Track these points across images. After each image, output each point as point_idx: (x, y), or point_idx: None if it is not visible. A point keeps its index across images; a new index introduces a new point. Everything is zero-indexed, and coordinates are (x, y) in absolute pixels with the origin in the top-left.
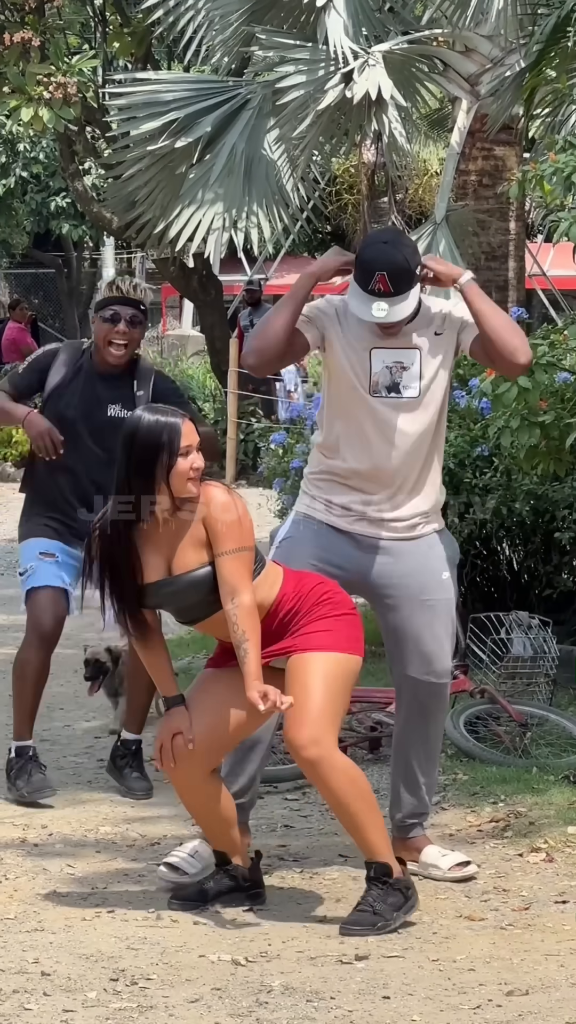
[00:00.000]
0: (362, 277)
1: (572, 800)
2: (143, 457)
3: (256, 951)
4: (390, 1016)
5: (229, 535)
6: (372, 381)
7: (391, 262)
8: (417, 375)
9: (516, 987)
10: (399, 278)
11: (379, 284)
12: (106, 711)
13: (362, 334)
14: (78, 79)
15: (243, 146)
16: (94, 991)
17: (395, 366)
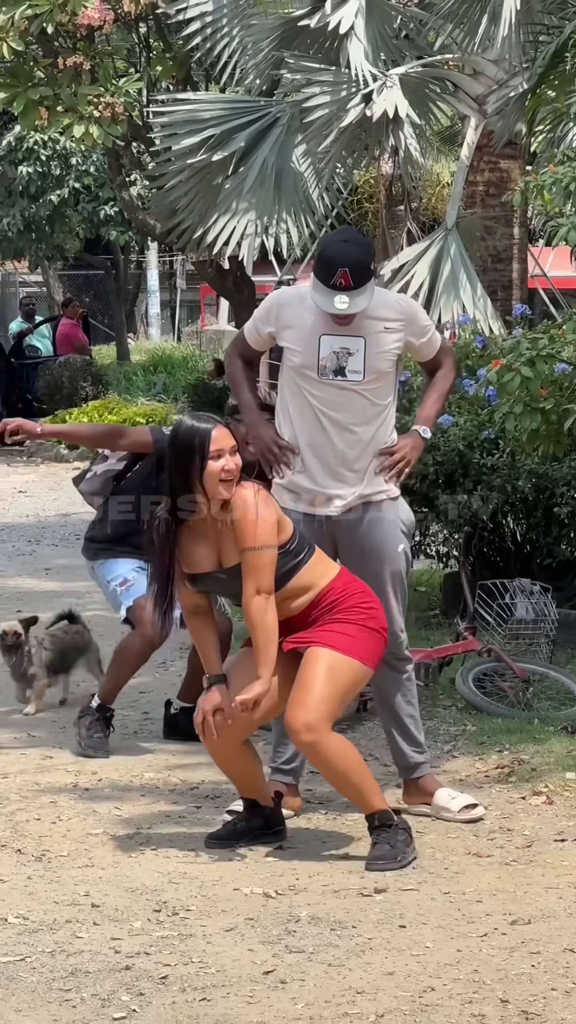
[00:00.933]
0: (325, 273)
1: (570, 748)
2: (179, 459)
3: (285, 885)
4: (406, 943)
5: (245, 534)
6: (320, 366)
7: (352, 259)
8: (362, 360)
9: (519, 917)
10: (359, 273)
11: (341, 279)
12: (150, 669)
13: (315, 322)
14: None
15: (273, 159)
16: (139, 921)
17: (342, 351)
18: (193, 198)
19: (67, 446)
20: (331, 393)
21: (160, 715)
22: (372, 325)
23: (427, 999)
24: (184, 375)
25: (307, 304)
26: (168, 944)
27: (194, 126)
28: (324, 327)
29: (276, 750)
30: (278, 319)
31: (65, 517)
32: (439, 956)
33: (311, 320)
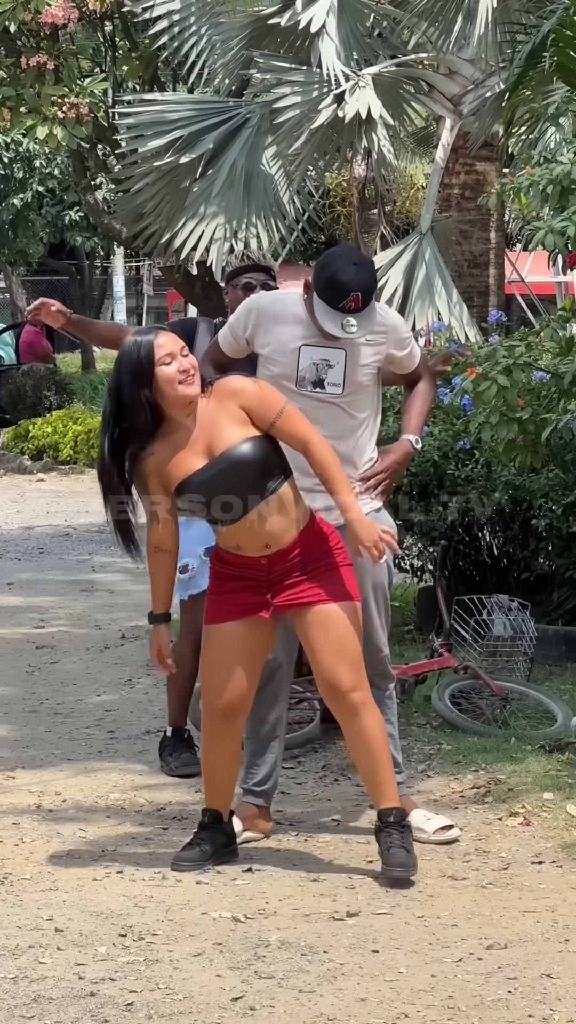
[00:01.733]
0: (334, 296)
1: (548, 768)
2: (125, 380)
3: (254, 908)
4: (379, 968)
5: (270, 402)
6: (299, 377)
7: (364, 284)
8: (341, 372)
9: (495, 941)
10: (368, 296)
11: (352, 303)
12: (116, 687)
13: (294, 332)
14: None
15: (243, 162)
16: (104, 946)
17: (321, 363)
18: (160, 202)
19: (30, 456)
20: (309, 405)
21: (127, 734)
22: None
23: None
24: None
25: (288, 311)
26: (134, 970)
27: (161, 127)
28: (304, 337)
29: (248, 770)
30: (256, 325)
31: (28, 530)
32: (413, 982)
33: (291, 329)
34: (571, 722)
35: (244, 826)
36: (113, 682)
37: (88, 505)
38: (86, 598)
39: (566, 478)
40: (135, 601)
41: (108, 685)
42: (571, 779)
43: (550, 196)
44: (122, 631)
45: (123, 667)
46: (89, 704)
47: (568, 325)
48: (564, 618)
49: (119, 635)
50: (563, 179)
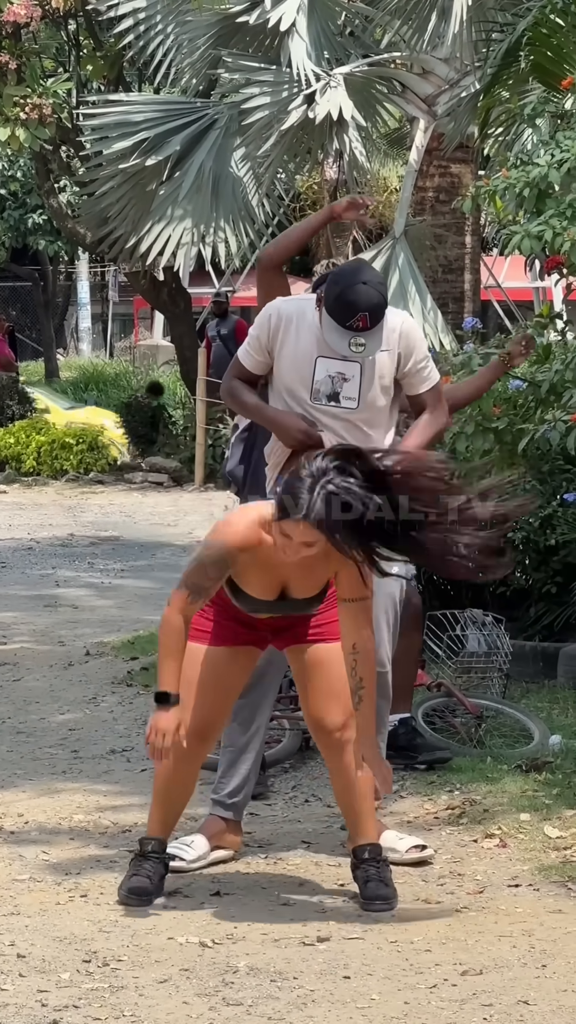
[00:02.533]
0: (342, 315)
1: (524, 788)
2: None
3: (222, 933)
4: (350, 995)
5: (357, 584)
6: (314, 389)
7: (373, 303)
8: (357, 387)
9: (470, 967)
10: (377, 315)
11: (360, 322)
12: (80, 705)
13: (311, 342)
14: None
15: (211, 164)
16: (67, 972)
17: (337, 376)
18: (125, 205)
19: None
20: (323, 419)
21: (92, 753)
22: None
23: None
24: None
25: (307, 321)
26: (98, 997)
27: (126, 129)
28: (322, 348)
29: (220, 780)
30: (279, 329)
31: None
32: (385, 1009)
33: (308, 338)
34: (548, 740)
35: (212, 843)
36: (77, 700)
37: (52, 518)
38: (49, 613)
39: (543, 490)
40: (100, 617)
41: (72, 703)
42: (548, 799)
43: (526, 199)
44: (86, 648)
45: (87, 685)
46: (52, 723)
47: (545, 332)
48: (541, 634)
49: (83, 652)
50: (540, 182)
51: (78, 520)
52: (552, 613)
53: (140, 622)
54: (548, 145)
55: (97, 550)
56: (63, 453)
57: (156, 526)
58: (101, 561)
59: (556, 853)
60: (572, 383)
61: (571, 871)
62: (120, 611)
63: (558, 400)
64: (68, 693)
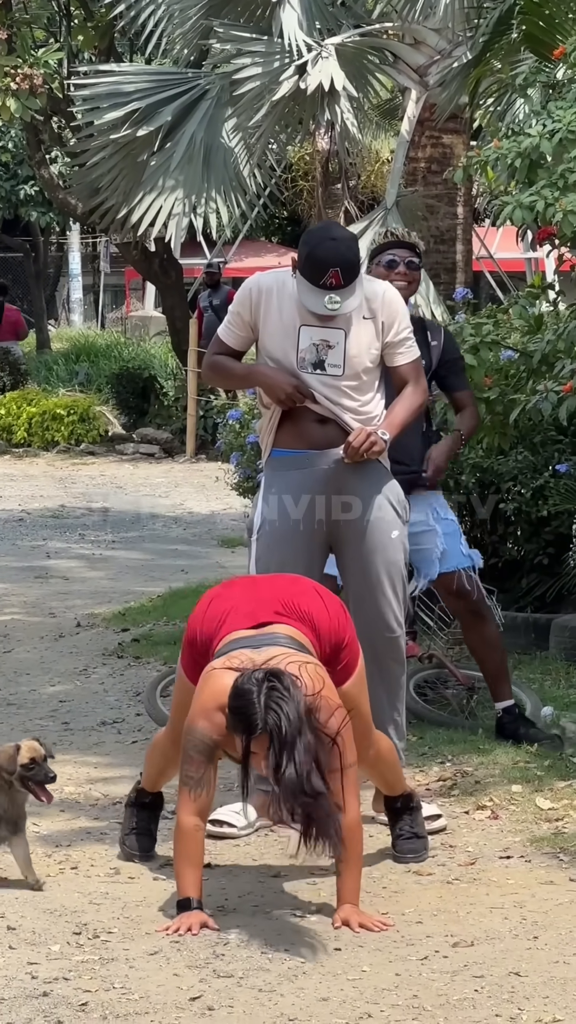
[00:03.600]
0: (314, 273)
1: (516, 759)
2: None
3: (213, 905)
4: (341, 967)
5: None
6: (299, 357)
7: (343, 258)
8: (342, 353)
9: (462, 939)
10: (350, 272)
11: (332, 279)
12: (71, 677)
13: (293, 312)
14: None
15: (202, 135)
16: (58, 944)
17: (321, 344)
18: (117, 176)
19: None
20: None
21: (82, 725)
22: (353, 316)
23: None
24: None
25: (287, 291)
26: (88, 969)
27: (118, 99)
28: (304, 317)
29: None
30: (260, 304)
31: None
32: (376, 980)
33: (290, 309)
34: (540, 712)
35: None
36: (68, 672)
37: (43, 489)
38: (40, 585)
39: (535, 461)
40: (91, 588)
41: (62, 675)
42: (540, 771)
43: (518, 170)
44: (77, 619)
45: (78, 656)
46: (43, 695)
47: (537, 302)
48: (533, 605)
49: (74, 623)
50: (531, 152)
51: (69, 491)
52: (544, 584)
53: (131, 593)
54: (540, 115)
55: (88, 521)
56: (54, 424)
57: (147, 497)
58: (92, 532)
59: (548, 824)
60: (564, 353)
61: (563, 842)
62: (111, 582)
63: (550, 370)
64: (58, 665)
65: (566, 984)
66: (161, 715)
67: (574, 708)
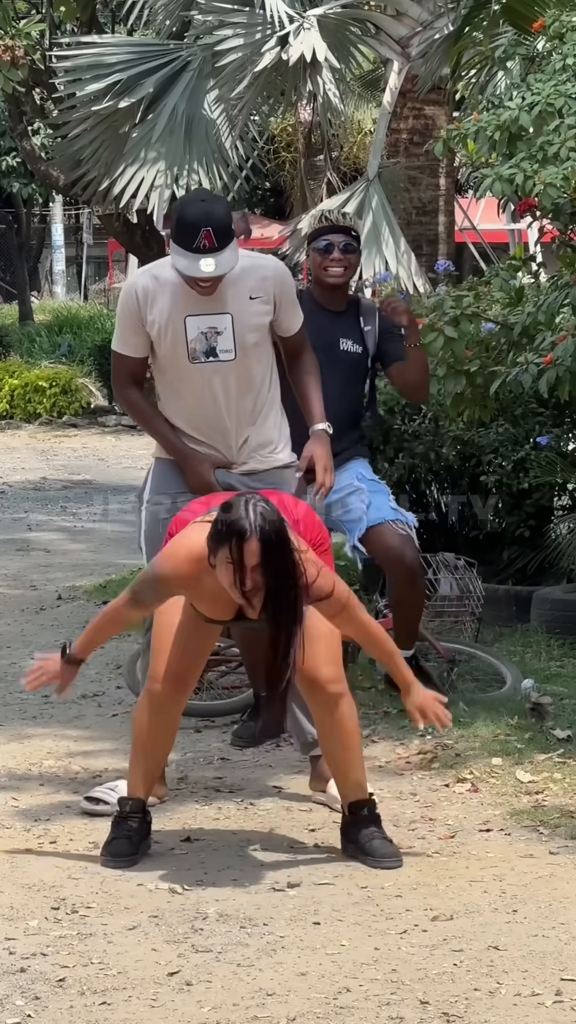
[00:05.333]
0: (186, 237)
1: (496, 733)
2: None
3: (192, 879)
4: (320, 941)
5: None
6: (190, 349)
7: (213, 218)
8: (231, 338)
9: (441, 912)
10: (222, 233)
11: (205, 240)
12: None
13: (177, 304)
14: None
15: (184, 106)
16: (35, 919)
17: (209, 331)
18: (99, 148)
19: None
20: (205, 377)
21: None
22: (237, 297)
23: (342, 1001)
24: (91, 336)
25: (164, 285)
26: (66, 944)
27: (99, 71)
28: (187, 307)
29: None
30: (144, 305)
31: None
32: (355, 955)
33: (172, 300)
34: (521, 684)
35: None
36: (49, 645)
37: (24, 462)
38: (21, 558)
39: (516, 433)
40: (72, 561)
41: (43, 648)
42: (520, 744)
43: (497, 143)
44: (58, 592)
45: (59, 629)
46: (23, 668)
47: (518, 275)
48: (514, 577)
49: (55, 596)
50: (510, 125)
51: (51, 464)
52: (525, 557)
53: (112, 566)
54: (519, 88)
55: (70, 494)
56: (36, 396)
57: (129, 469)
58: (74, 505)
59: (528, 798)
60: (544, 326)
61: (543, 816)
62: (93, 555)
63: (530, 343)
64: (39, 638)
65: (545, 958)
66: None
67: (555, 680)
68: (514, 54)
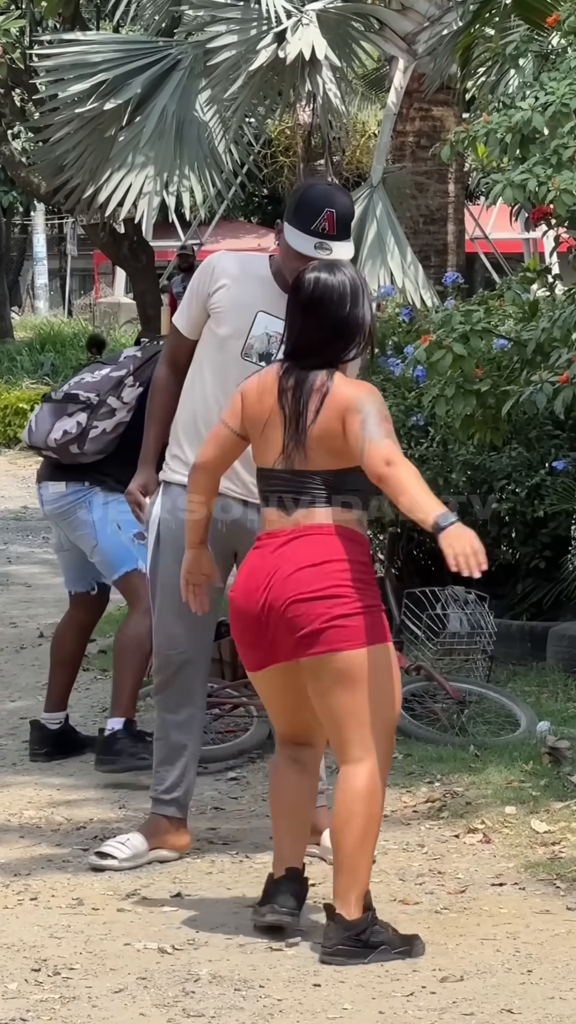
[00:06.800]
0: (306, 217)
1: (510, 779)
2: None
3: (183, 938)
4: (320, 1004)
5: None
6: (247, 343)
7: (340, 203)
8: None
9: (451, 973)
10: (344, 221)
11: (325, 222)
12: (33, 691)
13: (254, 294)
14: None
15: (174, 108)
16: (15, 982)
17: (275, 336)
18: (83, 152)
19: None
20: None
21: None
22: None
23: None
24: (75, 354)
25: (252, 270)
26: (48, 1008)
27: (84, 70)
28: (264, 303)
29: (155, 774)
30: (218, 279)
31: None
32: (359, 1019)
33: (251, 288)
34: (536, 727)
35: (152, 843)
36: (29, 686)
37: (4, 490)
38: (0, 592)
39: (530, 457)
40: (55, 596)
41: (24, 690)
42: (535, 791)
43: (509, 146)
44: (40, 629)
45: (41, 670)
46: (2, 711)
47: (532, 287)
48: (529, 612)
49: (37, 634)
50: (523, 127)
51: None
52: (541, 590)
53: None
54: (531, 87)
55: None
56: (16, 419)
57: None
58: None
59: (543, 849)
60: (560, 342)
61: (559, 868)
62: None
63: (545, 360)
64: (20, 679)
65: (562, 1022)
66: None
67: (573, 723)
68: (526, 51)
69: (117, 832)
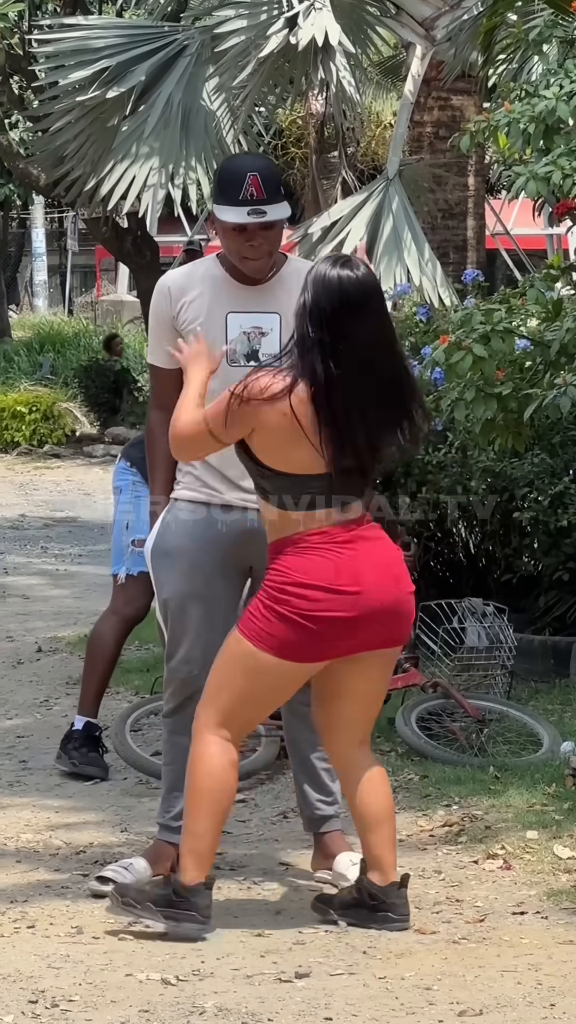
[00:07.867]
0: (231, 189)
1: (531, 802)
2: None
3: (187, 969)
4: None
5: None
6: (229, 351)
7: (261, 165)
8: (277, 340)
9: (469, 1006)
10: (271, 181)
11: (252, 188)
12: (30, 709)
13: (218, 298)
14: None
15: (180, 96)
16: (11, 1015)
17: (253, 331)
18: (84, 143)
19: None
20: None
21: (42, 764)
22: (288, 298)
23: None
24: (76, 354)
25: (202, 279)
26: None
27: (85, 56)
28: (230, 302)
29: (164, 800)
30: (178, 298)
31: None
32: None
33: (211, 294)
34: (559, 747)
35: (155, 871)
36: (27, 703)
37: (1, 496)
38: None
39: (553, 464)
40: (53, 608)
41: (21, 707)
42: (558, 815)
43: (532, 136)
44: (38, 643)
45: (39, 686)
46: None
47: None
48: (551, 626)
49: (34, 648)
50: (547, 116)
51: (30, 499)
52: (564, 603)
53: (98, 614)
54: (556, 75)
55: (51, 533)
56: (14, 423)
57: None
58: (56, 545)
59: (567, 876)
60: None
61: None
62: (76, 602)
63: (569, 362)
64: (16, 695)
65: None
66: (131, 753)
67: None
68: (551, 36)
69: (118, 857)
